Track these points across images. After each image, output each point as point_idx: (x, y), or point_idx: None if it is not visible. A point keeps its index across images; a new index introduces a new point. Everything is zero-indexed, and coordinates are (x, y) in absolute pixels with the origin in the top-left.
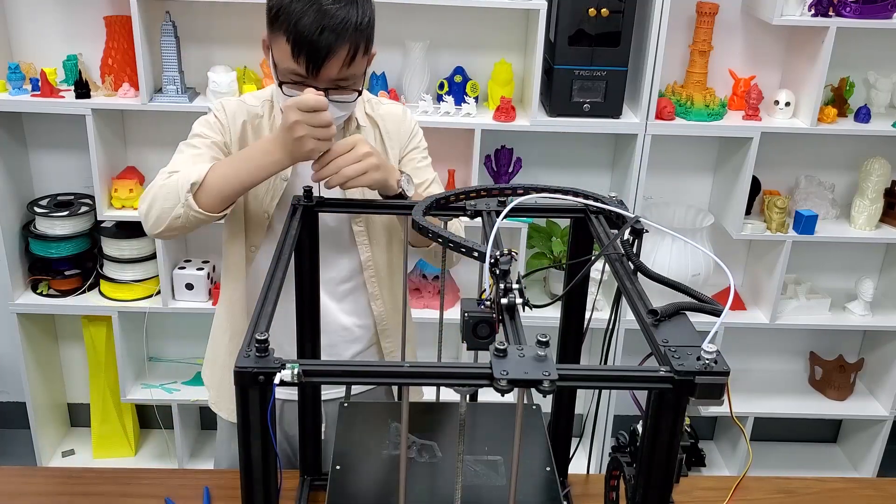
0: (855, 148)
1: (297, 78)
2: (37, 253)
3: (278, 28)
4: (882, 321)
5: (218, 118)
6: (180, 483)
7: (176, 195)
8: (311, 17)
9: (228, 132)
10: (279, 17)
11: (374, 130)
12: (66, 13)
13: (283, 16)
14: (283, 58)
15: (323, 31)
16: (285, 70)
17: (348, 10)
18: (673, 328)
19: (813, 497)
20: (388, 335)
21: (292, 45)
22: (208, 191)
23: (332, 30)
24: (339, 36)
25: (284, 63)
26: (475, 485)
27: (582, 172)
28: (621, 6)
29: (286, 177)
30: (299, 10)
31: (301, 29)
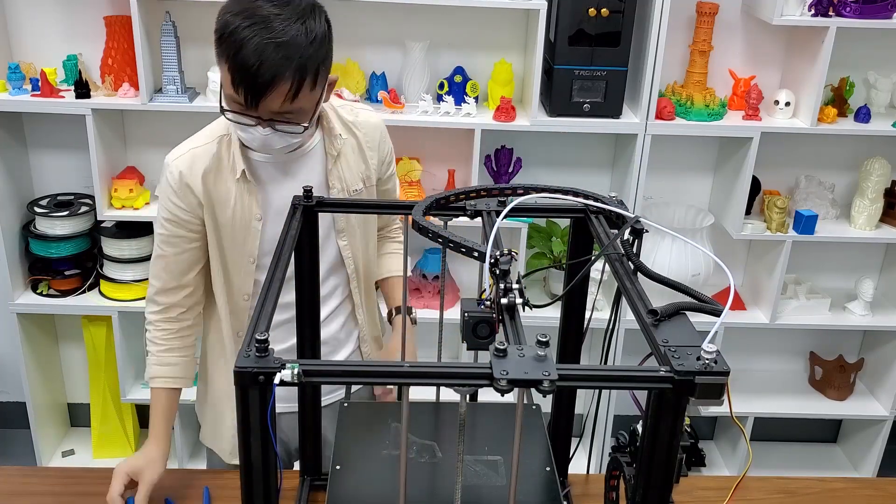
0: (855, 148)
1: (238, 108)
2: (37, 253)
3: (221, 54)
4: (882, 321)
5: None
6: (180, 483)
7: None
8: (251, 48)
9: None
10: (222, 41)
11: (353, 140)
12: (66, 13)
13: (225, 42)
14: (226, 84)
15: (261, 65)
16: (228, 97)
17: (288, 49)
18: (673, 328)
19: (813, 497)
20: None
21: (232, 74)
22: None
23: (272, 64)
24: (277, 73)
25: (227, 89)
26: (475, 485)
27: (582, 172)
28: (621, 6)
29: (259, 217)
30: (241, 39)
31: (240, 60)
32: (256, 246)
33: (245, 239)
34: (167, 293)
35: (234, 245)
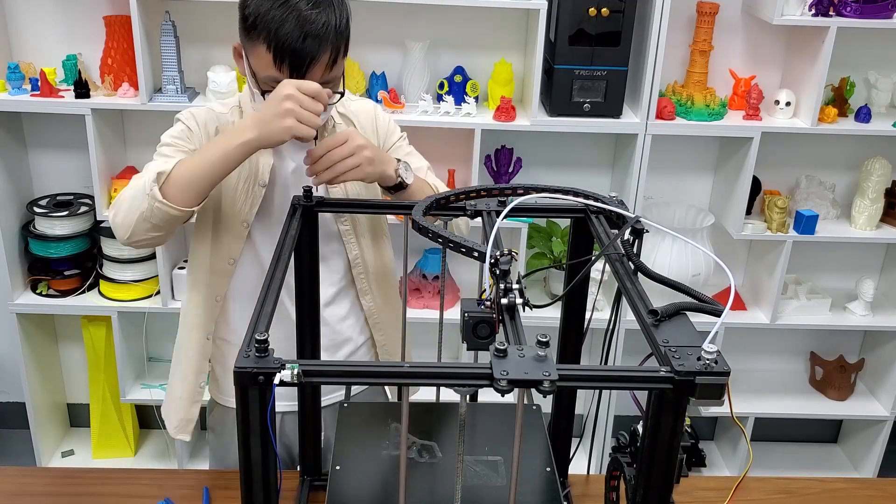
0: (855, 148)
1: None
2: (36, 253)
3: (256, 36)
4: (882, 321)
5: (188, 126)
6: (180, 483)
7: (143, 191)
8: (291, 24)
9: (199, 140)
10: (257, 25)
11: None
12: (65, 13)
13: (261, 24)
14: (263, 66)
15: (305, 37)
16: (266, 78)
17: (328, 15)
18: (673, 328)
19: (813, 497)
20: (380, 328)
21: (274, 53)
22: (176, 182)
23: (314, 36)
24: (322, 41)
25: (265, 71)
26: (475, 485)
27: (582, 172)
28: (622, 6)
29: (264, 183)
30: (279, 18)
31: (282, 37)
32: (254, 212)
33: (245, 202)
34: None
35: (233, 206)
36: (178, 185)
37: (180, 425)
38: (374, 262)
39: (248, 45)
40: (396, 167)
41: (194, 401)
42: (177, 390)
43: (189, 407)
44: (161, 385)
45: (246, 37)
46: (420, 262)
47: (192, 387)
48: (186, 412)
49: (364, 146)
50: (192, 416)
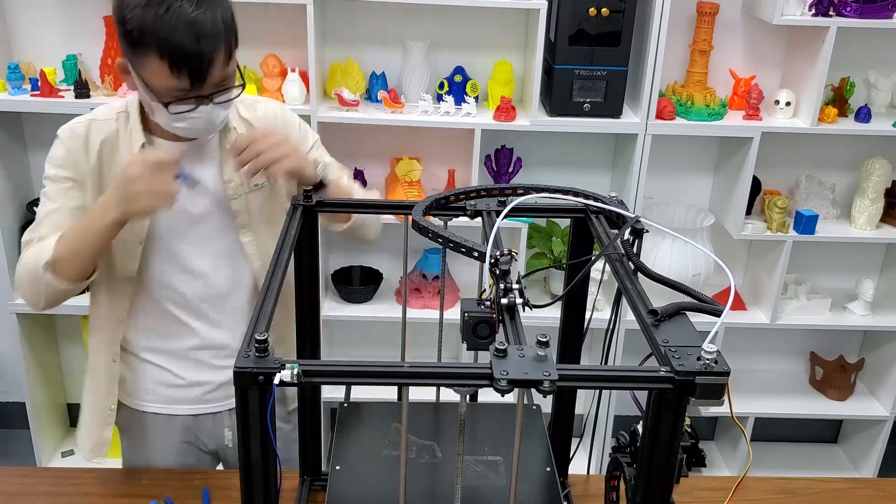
0: (855, 148)
1: (180, 94)
2: None
3: (145, 50)
4: (882, 321)
5: (67, 147)
6: (180, 483)
7: (38, 278)
8: (181, 30)
9: (80, 164)
10: (144, 38)
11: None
12: (65, 13)
13: (149, 36)
14: (159, 77)
15: (199, 40)
16: (165, 89)
17: (213, 12)
18: (673, 328)
19: (813, 497)
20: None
21: (170, 62)
22: (64, 262)
23: (207, 36)
24: (215, 40)
25: (161, 82)
26: (475, 485)
27: (582, 172)
28: (622, 6)
29: (142, 240)
30: (167, 26)
31: (175, 44)
32: (145, 227)
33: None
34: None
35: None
36: (68, 265)
37: (94, 449)
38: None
39: (135, 59)
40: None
41: (106, 423)
42: (86, 414)
43: (101, 431)
44: None
45: (132, 51)
46: (420, 262)
47: (102, 410)
48: (98, 436)
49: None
50: (105, 438)
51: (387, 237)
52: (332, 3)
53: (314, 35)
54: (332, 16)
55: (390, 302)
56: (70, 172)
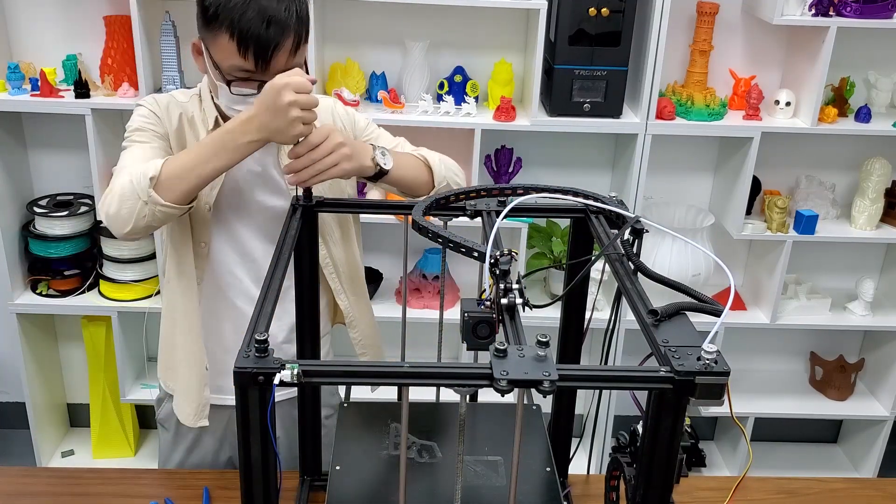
0: (855, 148)
1: (245, 74)
2: (36, 253)
3: (218, 27)
4: (882, 321)
5: (153, 111)
6: (180, 483)
7: (136, 194)
8: (253, 12)
9: (165, 123)
10: (218, 15)
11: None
12: (65, 13)
13: (223, 13)
14: (227, 56)
15: (269, 24)
16: (231, 68)
17: (288, 2)
18: (673, 328)
19: (813, 497)
20: (354, 325)
21: (238, 40)
22: (171, 181)
23: (277, 22)
24: (285, 28)
25: (229, 61)
26: (475, 485)
27: (582, 172)
28: (622, 6)
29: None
30: (240, 6)
31: (245, 24)
32: (214, 194)
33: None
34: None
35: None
36: (175, 185)
37: (197, 414)
38: (344, 261)
39: (208, 36)
40: (373, 156)
41: (204, 384)
42: (183, 381)
43: (200, 392)
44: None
45: (206, 28)
46: (420, 262)
47: (197, 371)
48: (199, 399)
49: (342, 143)
50: (205, 400)
51: (387, 237)
52: (332, 3)
53: (314, 35)
54: (332, 16)
55: (390, 302)
56: (157, 127)
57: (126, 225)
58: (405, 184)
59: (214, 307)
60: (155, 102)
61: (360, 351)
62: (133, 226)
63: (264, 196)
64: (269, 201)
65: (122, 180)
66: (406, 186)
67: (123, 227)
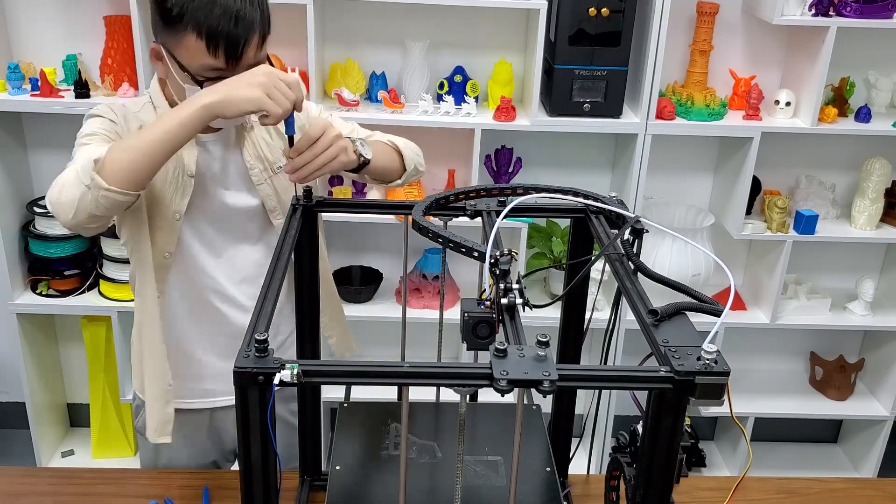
0: (855, 148)
1: (215, 74)
2: (36, 253)
3: (183, 28)
4: (882, 321)
5: (109, 118)
6: (180, 483)
7: (79, 178)
8: (220, 10)
9: (121, 129)
10: (182, 15)
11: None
12: (65, 13)
13: (187, 14)
14: (195, 56)
15: (237, 21)
16: (200, 68)
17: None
18: (673, 328)
19: (813, 497)
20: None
21: (206, 40)
22: (117, 163)
23: (243, 18)
24: (251, 23)
25: (197, 61)
26: (475, 485)
27: (582, 172)
28: (622, 6)
29: (191, 173)
30: (205, 5)
31: (213, 23)
32: (185, 203)
33: (175, 192)
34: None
35: (164, 197)
36: (121, 165)
37: (158, 428)
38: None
39: (171, 39)
40: (355, 147)
41: (166, 400)
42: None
43: (163, 408)
44: None
45: (169, 30)
46: (420, 262)
47: (160, 388)
48: (162, 413)
49: (339, 135)
50: (168, 415)
51: (387, 237)
52: (332, 3)
53: (314, 35)
54: (332, 16)
55: (390, 302)
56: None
57: (69, 211)
58: (382, 172)
59: (187, 312)
60: (110, 110)
61: (327, 333)
62: (75, 213)
63: (232, 196)
64: (238, 201)
65: (68, 169)
66: (380, 174)
67: (66, 213)
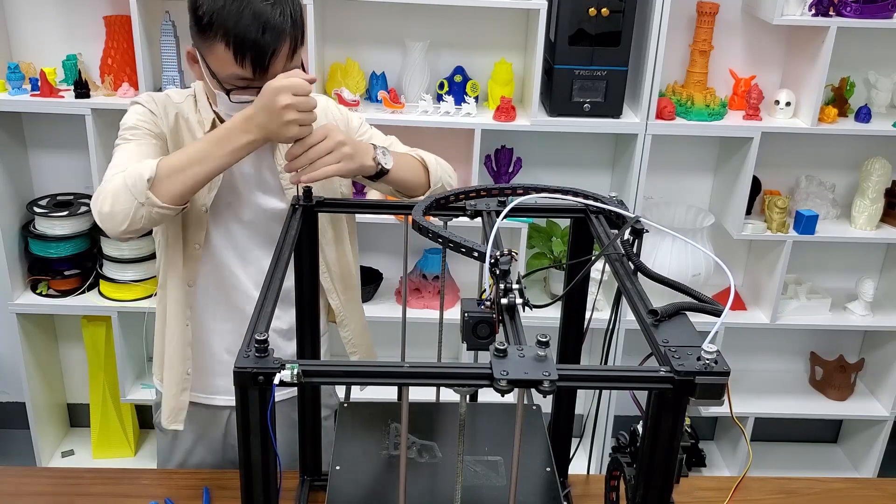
0: (855, 148)
1: (243, 83)
2: (36, 253)
3: (213, 35)
4: (882, 321)
5: (149, 109)
6: (180, 483)
7: (132, 194)
8: (248, 19)
9: (162, 122)
10: (213, 24)
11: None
12: (65, 13)
13: (217, 22)
14: (224, 64)
15: (264, 31)
16: (229, 76)
17: (282, 6)
18: (673, 328)
19: (813, 497)
20: (345, 325)
21: (234, 49)
22: (167, 183)
23: (273, 28)
24: (280, 33)
25: (226, 70)
26: (475, 485)
27: (582, 172)
28: (622, 6)
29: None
30: (234, 14)
31: (241, 32)
32: (212, 196)
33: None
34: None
35: None
36: (171, 185)
37: (171, 415)
38: (335, 261)
39: (203, 46)
40: (374, 154)
41: (182, 388)
42: (166, 381)
43: (178, 396)
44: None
45: (201, 37)
46: (420, 262)
47: (178, 375)
48: (176, 401)
49: (343, 142)
50: (182, 403)
51: (387, 237)
52: (332, 3)
53: (314, 35)
54: (332, 16)
55: (390, 302)
56: (152, 127)
57: (121, 224)
58: (403, 184)
59: (214, 308)
60: (152, 100)
61: (351, 350)
62: (128, 226)
63: (261, 198)
64: (267, 203)
65: (116, 180)
66: (403, 186)
67: (119, 226)
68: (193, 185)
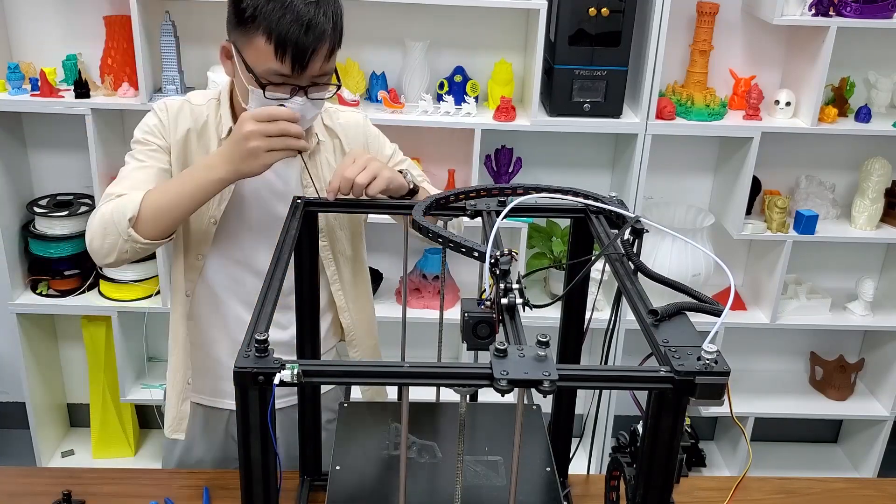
0: (855, 148)
1: (280, 79)
2: (36, 253)
3: (255, 29)
4: (882, 321)
5: (160, 118)
6: (180, 483)
7: (117, 230)
8: (292, 16)
9: (169, 134)
10: (256, 17)
11: (334, 141)
12: (65, 13)
13: (260, 16)
14: (263, 59)
15: (307, 29)
16: (266, 72)
17: (324, 8)
18: (673, 328)
19: (813, 497)
20: (355, 345)
21: (276, 45)
22: (150, 218)
23: (315, 27)
24: (322, 34)
25: (265, 65)
26: (475, 485)
27: (582, 172)
28: (622, 6)
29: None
30: (278, 10)
31: (284, 28)
32: (222, 209)
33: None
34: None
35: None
36: (153, 222)
37: (173, 423)
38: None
39: (242, 39)
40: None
41: (184, 398)
42: (169, 389)
43: (179, 405)
44: (161, 385)
45: (241, 30)
46: (420, 262)
47: (180, 384)
48: (177, 410)
49: (371, 159)
50: (183, 412)
51: (387, 237)
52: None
53: None
54: None
55: (390, 302)
56: (159, 140)
57: (107, 258)
58: None
59: (219, 315)
60: (165, 109)
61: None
62: (115, 259)
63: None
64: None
65: (105, 211)
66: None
67: (105, 259)
68: (173, 224)
